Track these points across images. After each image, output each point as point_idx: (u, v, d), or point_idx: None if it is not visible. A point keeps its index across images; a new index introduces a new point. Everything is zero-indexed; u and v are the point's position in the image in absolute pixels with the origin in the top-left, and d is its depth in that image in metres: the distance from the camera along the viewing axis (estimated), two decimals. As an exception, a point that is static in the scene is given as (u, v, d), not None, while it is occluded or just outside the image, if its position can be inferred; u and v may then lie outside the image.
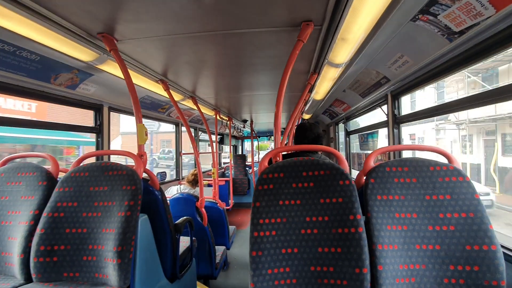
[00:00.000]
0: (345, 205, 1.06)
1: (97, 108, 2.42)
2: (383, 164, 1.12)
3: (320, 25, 1.43)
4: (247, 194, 6.41)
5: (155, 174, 1.60)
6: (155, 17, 1.32)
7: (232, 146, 7.84)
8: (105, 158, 2.43)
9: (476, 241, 0.98)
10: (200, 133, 5.24)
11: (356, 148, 4.21)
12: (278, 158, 1.44)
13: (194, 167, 3.80)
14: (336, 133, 4.86)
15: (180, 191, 2.99)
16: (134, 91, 1.59)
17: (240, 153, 8.41)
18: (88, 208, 1.30)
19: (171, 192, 3.09)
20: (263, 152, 9.31)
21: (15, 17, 1.20)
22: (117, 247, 1.17)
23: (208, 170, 5.68)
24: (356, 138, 4.04)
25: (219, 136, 6.70)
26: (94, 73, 1.98)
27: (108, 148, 2.53)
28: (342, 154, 1.35)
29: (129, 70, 1.64)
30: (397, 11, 1.19)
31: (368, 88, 2.50)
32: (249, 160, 7.28)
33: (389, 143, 2.38)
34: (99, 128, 2.44)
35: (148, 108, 3.10)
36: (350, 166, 4.15)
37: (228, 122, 4.96)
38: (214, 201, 3.17)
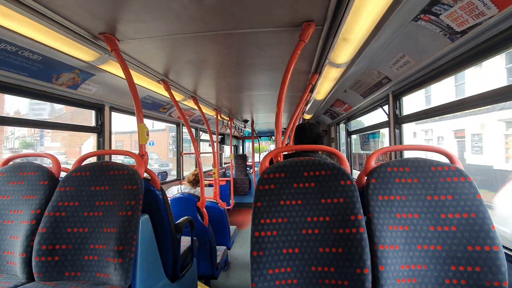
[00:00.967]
0: (347, 205, 1.06)
1: (98, 108, 2.43)
2: (385, 164, 1.11)
3: (322, 25, 1.43)
4: (248, 194, 6.41)
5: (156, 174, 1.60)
6: (157, 17, 1.32)
7: (233, 146, 7.85)
8: (106, 158, 2.44)
9: (478, 242, 0.97)
10: (201, 133, 5.24)
11: (358, 149, 4.20)
12: (279, 158, 1.44)
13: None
14: (337, 133, 4.86)
15: (181, 191, 2.99)
16: (136, 91, 1.59)
17: (241, 153, 8.42)
18: (90, 208, 1.30)
19: (172, 192, 3.10)
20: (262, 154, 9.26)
21: (18, 17, 1.20)
22: (118, 247, 1.17)
23: (209, 170, 5.68)
24: (359, 139, 4.04)
25: (220, 136, 6.71)
26: (96, 73, 1.98)
27: (110, 148, 2.54)
28: (343, 155, 1.35)
29: (131, 70, 1.64)
30: (399, 11, 1.19)
31: (370, 88, 2.50)
32: (250, 160, 7.28)
33: (390, 143, 2.38)
34: (100, 128, 2.45)
35: (149, 108, 3.10)
36: (351, 167, 4.15)
37: (229, 122, 4.96)
38: (215, 201, 3.17)
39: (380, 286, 0.97)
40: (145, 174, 1.50)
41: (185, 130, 4.15)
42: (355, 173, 4.05)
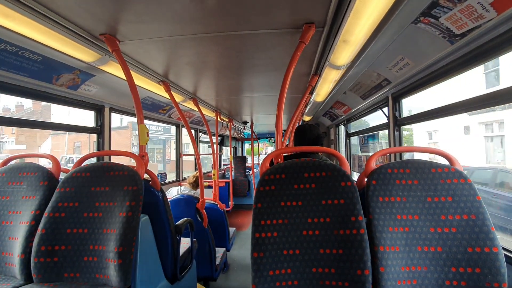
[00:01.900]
0: (347, 207, 1.06)
1: (98, 109, 2.42)
2: (385, 166, 1.12)
3: (322, 27, 1.43)
4: (247, 196, 6.40)
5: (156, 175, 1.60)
6: (157, 19, 1.33)
7: (232, 148, 7.84)
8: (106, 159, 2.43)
9: (478, 243, 0.98)
10: (201, 135, 5.24)
11: (357, 151, 4.20)
12: (280, 160, 1.44)
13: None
14: (337, 135, 4.87)
15: (181, 192, 2.99)
16: (136, 92, 1.59)
17: (240, 155, 8.41)
18: (89, 209, 1.29)
19: (171, 193, 3.09)
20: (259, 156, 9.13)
21: (18, 18, 1.20)
22: (118, 248, 1.17)
23: (209, 172, 5.67)
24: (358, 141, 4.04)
25: (219, 138, 6.70)
26: (96, 74, 1.98)
27: (109, 149, 2.53)
28: (344, 156, 1.35)
29: (131, 71, 1.64)
30: (399, 14, 1.19)
31: (369, 90, 2.51)
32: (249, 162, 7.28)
33: (390, 145, 2.38)
34: (100, 129, 2.45)
35: (149, 109, 3.10)
36: (351, 168, 4.15)
37: (229, 124, 4.96)
38: (214, 203, 3.17)
39: (381, 287, 0.97)
40: (145, 175, 1.50)
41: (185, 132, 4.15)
42: (355, 175, 4.05)
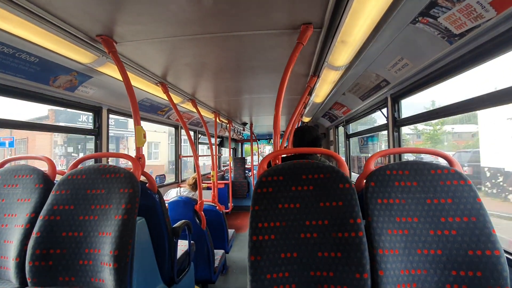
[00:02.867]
0: (345, 209, 1.05)
1: (96, 111, 2.41)
2: (384, 167, 1.10)
3: (320, 28, 1.43)
4: (247, 197, 6.38)
5: (154, 177, 1.58)
6: (155, 19, 1.32)
7: (232, 149, 7.83)
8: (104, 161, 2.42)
9: (479, 246, 0.96)
10: (200, 136, 5.23)
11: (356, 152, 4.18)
12: (278, 161, 1.43)
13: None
14: (336, 136, 4.86)
15: (180, 194, 2.97)
16: (133, 94, 1.58)
17: (240, 156, 8.40)
18: (85, 211, 1.28)
19: (171, 195, 3.07)
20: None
21: (15, 19, 1.19)
22: (114, 251, 1.15)
23: (208, 173, 5.66)
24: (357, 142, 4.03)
25: (219, 139, 6.70)
26: (93, 75, 1.97)
27: (107, 151, 2.52)
28: (342, 157, 1.34)
29: (128, 73, 1.64)
30: (397, 14, 1.19)
31: (368, 91, 2.50)
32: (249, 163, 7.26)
33: (389, 146, 2.37)
34: (98, 131, 2.43)
35: (148, 111, 3.09)
36: (350, 169, 4.14)
37: (228, 125, 4.95)
38: (213, 204, 3.15)
39: None
40: (142, 177, 1.49)
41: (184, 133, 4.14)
42: (354, 176, 4.04)
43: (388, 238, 1.00)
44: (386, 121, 2.44)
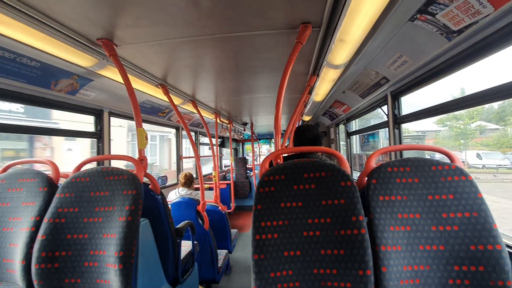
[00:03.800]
0: (347, 207, 1.05)
1: (97, 114, 2.43)
2: (385, 165, 1.11)
3: (319, 27, 1.43)
4: (249, 197, 6.40)
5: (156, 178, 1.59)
6: (154, 22, 1.33)
7: (233, 149, 7.84)
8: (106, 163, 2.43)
9: (481, 241, 0.97)
10: (201, 137, 5.24)
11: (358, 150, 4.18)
12: (279, 160, 1.44)
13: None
14: (337, 135, 4.86)
15: (179, 194, 2.97)
16: (134, 96, 1.59)
17: (241, 156, 8.41)
18: (89, 214, 1.29)
19: (170, 197, 3.07)
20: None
21: (16, 25, 1.21)
22: (119, 252, 1.16)
23: (209, 174, 5.67)
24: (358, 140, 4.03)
25: (220, 140, 6.71)
26: (94, 79, 1.98)
27: (109, 153, 2.53)
28: (343, 155, 1.34)
29: (129, 75, 1.65)
30: (395, 11, 1.19)
31: (368, 89, 2.50)
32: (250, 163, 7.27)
33: (390, 143, 2.37)
34: (100, 134, 2.45)
35: (148, 113, 3.11)
36: (351, 167, 4.14)
37: (229, 125, 4.96)
38: (216, 205, 3.16)
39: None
40: (145, 179, 1.50)
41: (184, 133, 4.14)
42: (355, 174, 4.04)
43: (391, 235, 1.01)
44: (387, 119, 2.44)
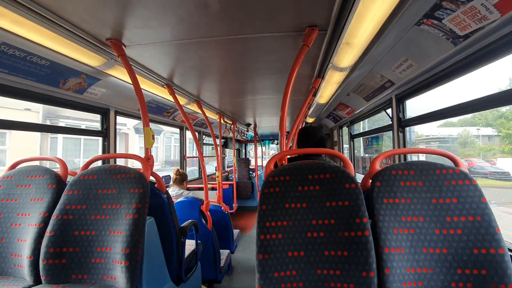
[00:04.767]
0: (351, 208, 1.06)
1: (104, 112, 2.46)
2: (389, 167, 1.12)
3: (325, 30, 1.44)
4: (251, 198, 6.40)
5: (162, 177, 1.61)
6: (163, 24, 1.35)
7: (236, 150, 7.86)
8: (112, 161, 2.46)
9: (484, 245, 0.97)
10: (204, 137, 5.26)
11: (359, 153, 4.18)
12: (284, 162, 1.45)
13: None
14: (340, 137, 4.85)
15: (170, 195, 2.88)
16: (142, 96, 1.61)
17: (244, 157, 8.42)
18: (96, 211, 1.31)
19: None
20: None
21: (28, 24, 1.23)
22: (125, 249, 1.18)
23: (212, 174, 5.69)
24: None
25: (223, 140, 6.73)
26: (101, 78, 2.01)
27: (115, 152, 2.56)
28: (347, 158, 1.35)
29: (136, 75, 1.67)
30: (402, 16, 1.20)
31: (373, 92, 2.51)
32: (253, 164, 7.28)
33: (394, 147, 2.37)
34: (106, 132, 2.48)
35: (154, 112, 3.13)
36: (355, 170, 4.13)
37: (232, 126, 4.98)
38: (218, 205, 3.18)
39: None
40: (151, 178, 1.52)
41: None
42: (359, 177, 4.03)
43: (394, 237, 1.02)
44: (391, 122, 2.44)
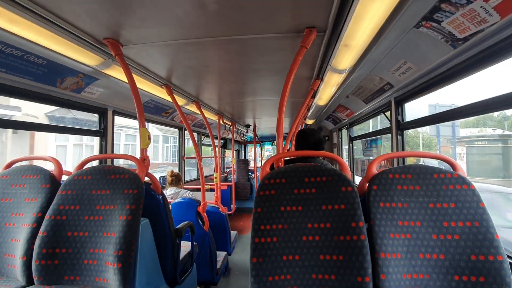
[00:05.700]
0: (348, 212, 1.05)
1: (102, 112, 2.45)
2: (386, 171, 1.10)
3: (324, 31, 1.43)
4: (250, 199, 6.39)
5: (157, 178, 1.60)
6: (160, 23, 1.34)
7: (235, 151, 7.85)
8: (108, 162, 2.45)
9: (482, 251, 0.96)
10: (203, 138, 5.25)
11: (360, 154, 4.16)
12: (280, 164, 1.44)
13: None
14: (340, 139, 4.85)
15: (167, 195, 2.92)
16: (138, 96, 1.60)
17: (243, 158, 8.41)
18: (90, 212, 1.30)
19: None
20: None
21: (25, 23, 1.22)
22: (118, 251, 1.17)
23: (211, 175, 5.68)
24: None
25: (222, 141, 6.72)
26: (99, 77, 2.00)
27: (112, 152, 2.55)
28: (345, 160, 1.34)
29: (134, 75, 1.66)
30: (401, 18, 1.19)
31: (372, 94, 2.50)
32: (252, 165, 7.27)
33: (393, 150, 2.36)
34: (103, 132, 2.46)
35: (152, 112, 3.12)
36: (353, 173, 4.12)
37: (231, 127, 4.97)
38: (216, 206, 3.16)
39: None
40: (146, 178, 1.51)
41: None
42: (358, 179, 4.02)
43: (391, 242, 1.00)
44: (390, 124, 2.43)
